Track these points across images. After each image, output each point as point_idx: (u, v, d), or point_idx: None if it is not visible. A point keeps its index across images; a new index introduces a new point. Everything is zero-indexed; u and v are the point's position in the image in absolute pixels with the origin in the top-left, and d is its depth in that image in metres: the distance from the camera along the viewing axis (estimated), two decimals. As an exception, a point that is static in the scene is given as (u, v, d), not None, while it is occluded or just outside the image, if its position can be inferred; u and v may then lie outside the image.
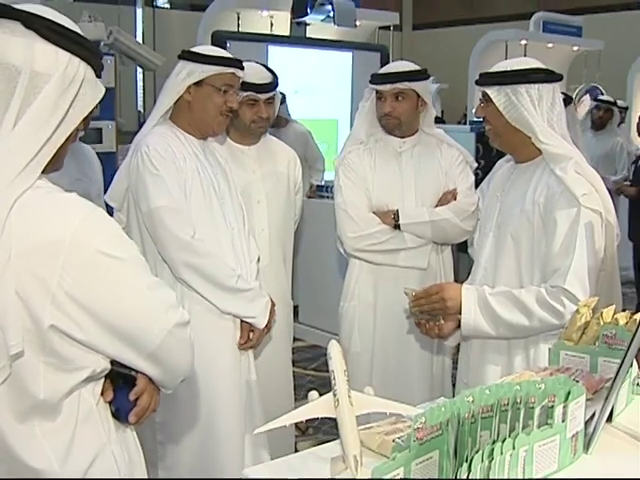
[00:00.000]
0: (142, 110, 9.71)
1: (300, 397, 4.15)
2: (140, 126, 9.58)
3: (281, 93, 6.54)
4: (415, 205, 3.47)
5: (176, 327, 1.58)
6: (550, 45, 10.18)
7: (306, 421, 3.95)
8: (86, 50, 1.52)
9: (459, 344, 2.87)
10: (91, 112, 1.56)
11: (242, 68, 2.96)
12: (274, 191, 3.60)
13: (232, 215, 2.97)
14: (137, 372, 1.62)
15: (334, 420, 3.98)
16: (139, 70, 9.47)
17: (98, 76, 1.55)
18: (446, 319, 2.64)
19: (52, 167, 1.51)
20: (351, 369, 3.44)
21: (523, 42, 9.80)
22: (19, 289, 1.41)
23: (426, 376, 3.53)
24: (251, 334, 3.00)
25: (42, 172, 1.47)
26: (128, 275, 1.53)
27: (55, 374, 1.49)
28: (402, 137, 3.50)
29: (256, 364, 3.42)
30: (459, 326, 2.63)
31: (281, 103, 6.55)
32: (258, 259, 3.15)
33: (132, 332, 1.53)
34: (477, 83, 2.66)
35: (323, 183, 6.73)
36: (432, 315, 2.66)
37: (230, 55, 2.97)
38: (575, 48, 10.75)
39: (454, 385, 4.22)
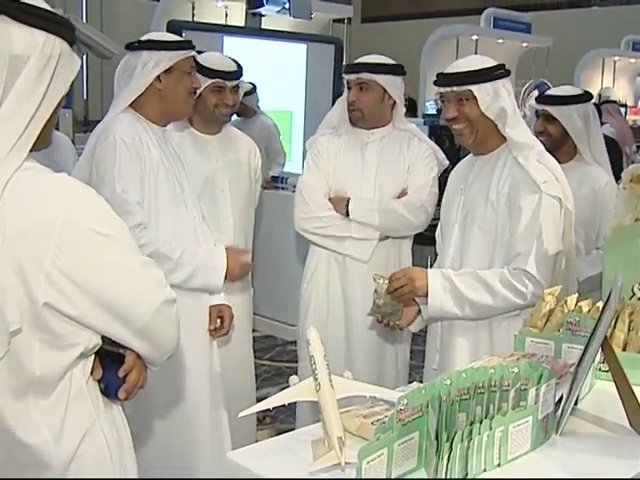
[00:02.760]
0: (86, 98, 9.56)
1: (256, 387, 4.17)
2: (86, 115, 9.32)
3: (251, 84, 6.60)
4: (373, 197, 3.51)
5: (164, 304, 1.61)
6: (500, 41, 10.35)
7: (263, 410, 3.99)
8: (60, 26, 1.53)
9: (419, 332, 2.96)
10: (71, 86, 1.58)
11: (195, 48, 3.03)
12: (237, 180, 3.63)
13: (191, 202, 2.99)
14: (125, 349, 1.64)
15: (291, 410, 4.01)
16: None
17: (72, 47, 1.57)
18: (407, 305, 2.73)
19: (40, 144, 1.53)
20: (304, 352, 3.52)
21: (474, 37, 9.93)
22: (15, 268, 1.43)
23: (374, 362, 3.56)
24: (218, 321, 3.05)
25: (31, 150, 1.48)
26: (119, 252, 1.55)
27: (50, 351, 1.52)
28: (369, 129, 3.53)
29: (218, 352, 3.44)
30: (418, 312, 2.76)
31: (251, 93, 6.60)
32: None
33: (123, 308, 1.56)
34: (458, 83, 2.66)
35: (278, 174, 6.75)
36: (394, 311, 2.74)
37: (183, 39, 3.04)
38: (524, 44, 10.94)
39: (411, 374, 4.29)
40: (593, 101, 3.71)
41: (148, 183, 2.81)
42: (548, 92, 3.72)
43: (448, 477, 1.47)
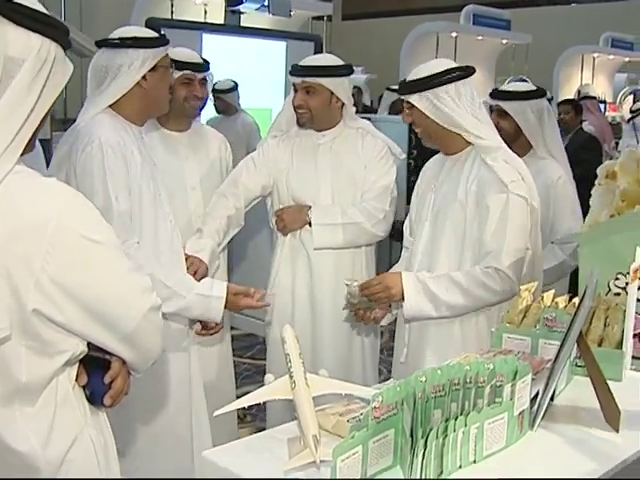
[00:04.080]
0: (65, 97, 9.51)
1: (237, 385, 4.17)
2: (65, 113, 9.26)
3: (233, 81, 6.57)
4: (331, 200, 3.45)
5: (150, 311, 1.62)
6: (480, 38, 10.38)
7: (244, 408, 3.97)
8: (56, 30, 1.52)
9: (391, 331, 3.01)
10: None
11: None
12: (208, 177, 3.59)
13: (166, 204, 2.95)
14: (111, 356, 1.63)
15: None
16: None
17: (65, 51, 1.56)
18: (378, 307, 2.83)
19: (27, 149, 1.52)
20: (273, 356, 3.49)
21: (454, 34, 9.95)
22: (3, 273, 1.42)
23: (341, 360, 3.54)
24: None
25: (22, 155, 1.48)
26: (109, 259, 1.55)
27: (36, 358, 1.51)
28: (319, 130, 3.47)
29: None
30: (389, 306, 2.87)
31: (232, 91, 6.59)
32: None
33: (110, 315, 1.56)
34: (399, 93, 2.79)
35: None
36: (369, 306, 2.82)
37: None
38: (504, 41, 10.99)
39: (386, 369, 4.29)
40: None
41: (132, 191, 2.72)
42: (502, 87, 3.75)
43: (423, 474, 1.47)
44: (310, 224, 3.40)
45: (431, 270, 2.76)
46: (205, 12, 7.72)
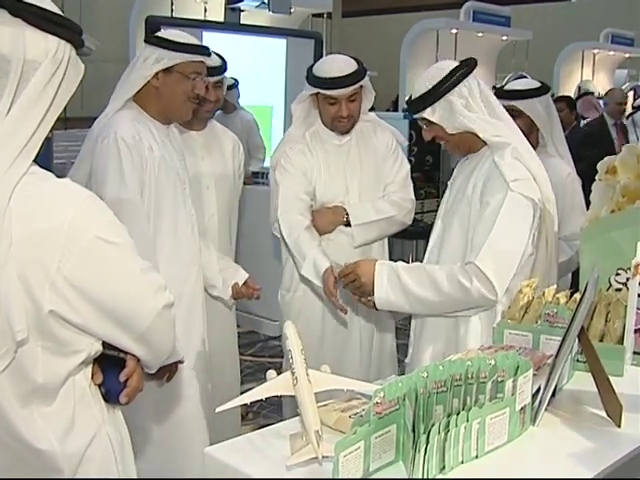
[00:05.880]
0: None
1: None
2: (65, 112, 9.45)
3: (234, 79, 6.57)
4: (358, 197, 3.45)
5: (164, 309, 1.62)
6: (480, 34, 10.35)
7: (246, 406, 3.94)
8: (71, 31, 1.53)
9: (404, 327, 2.98)
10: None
11: (209, 55, 2.98)
12: (222, 177, 3.61)
13: (190, 200, 2.97)
14: (125, 354, 1.64)
15: (274, 405, 4.01)
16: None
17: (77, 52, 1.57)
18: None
19: (40, 150, 1.51)
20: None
21: (454, 31, 9.94)
22: (20, 275, 1.43)
23: (366, 362, 3.56)
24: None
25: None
26: (123, 259, 1.56)
27: (53, 358, 1.52)
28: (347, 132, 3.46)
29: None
30: None
31: (232, 88, 6.59)
32: None
33: (125, 314, 1.57)
34: (413, 114, 2.70)
35: (258, 169, 6.76)
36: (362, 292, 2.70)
37: (198, 42, 2.96)
38: (504, 38, 10.96)
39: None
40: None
41: (148, 185, 2.76)
42: (508, 87, 3.72)
43: (425, 469, 1.47)
44: (347, 224, 3.40)
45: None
46: (205, 10, 7.72)
